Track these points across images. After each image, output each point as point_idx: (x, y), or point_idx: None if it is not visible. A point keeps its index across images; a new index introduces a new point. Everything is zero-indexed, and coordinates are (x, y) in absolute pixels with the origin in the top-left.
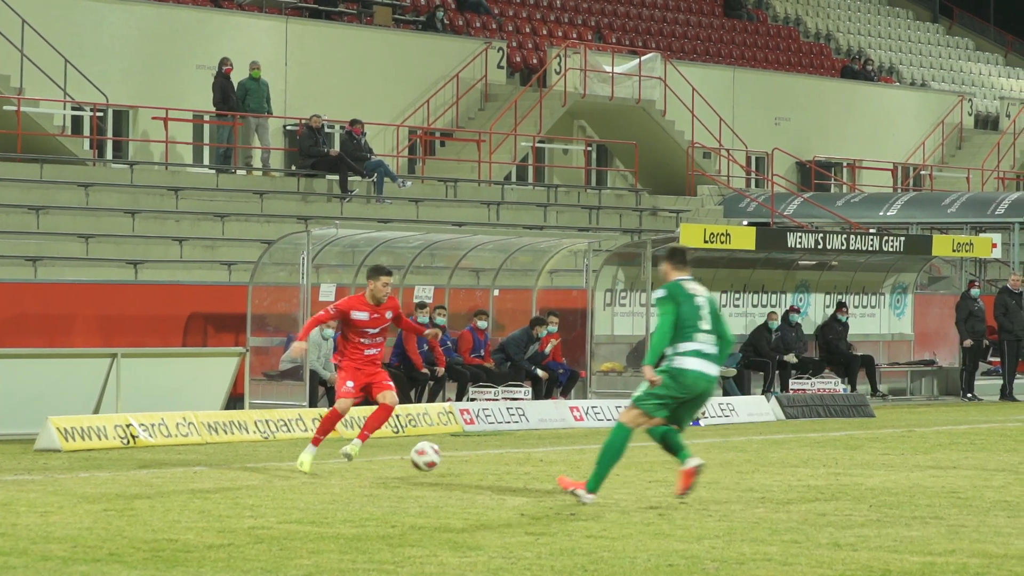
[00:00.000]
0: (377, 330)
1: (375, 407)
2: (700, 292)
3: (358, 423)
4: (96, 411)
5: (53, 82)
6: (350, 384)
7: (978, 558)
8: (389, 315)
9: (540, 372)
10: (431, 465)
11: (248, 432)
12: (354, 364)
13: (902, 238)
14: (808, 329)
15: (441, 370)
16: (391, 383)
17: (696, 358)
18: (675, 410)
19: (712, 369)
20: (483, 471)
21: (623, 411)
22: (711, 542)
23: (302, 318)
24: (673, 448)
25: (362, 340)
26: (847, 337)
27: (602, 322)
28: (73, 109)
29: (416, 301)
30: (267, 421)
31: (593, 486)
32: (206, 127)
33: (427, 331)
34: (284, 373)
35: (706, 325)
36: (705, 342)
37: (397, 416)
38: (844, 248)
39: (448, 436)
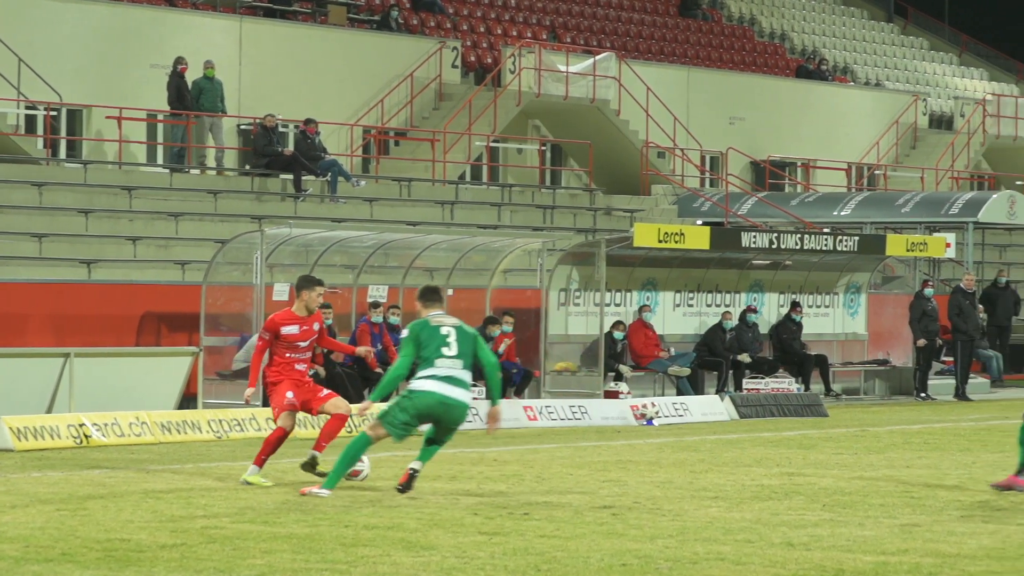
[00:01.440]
0: (307, 343)
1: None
2: (449, 323)
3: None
4: (49, 411)
5: (7, 81)
6: (291, 395)
7: (931, 557)
8: (316, 327)
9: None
10: (354, 473)
11: (201, 432)
12: (291, 379)
13: (856, 238)
14: (762, 329)
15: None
16: (332, 392)
17: (431, 380)
18: (417, 426)
19: (450, 391)
20: (437, 471)
21: (370, 424)
22: (664, 541)
23: (256, 317)
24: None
25: (292, 355)
26: (801, 337)
27: (556, 322)
28: (27, 108)
29: (370, 301)
30: (220, 421)
31: (330, 483)
32: (160, 126)
33: (359, 350)
34: (237, 373)
35: (450, 352)
36: (444, 367)
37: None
38: (798, 248)
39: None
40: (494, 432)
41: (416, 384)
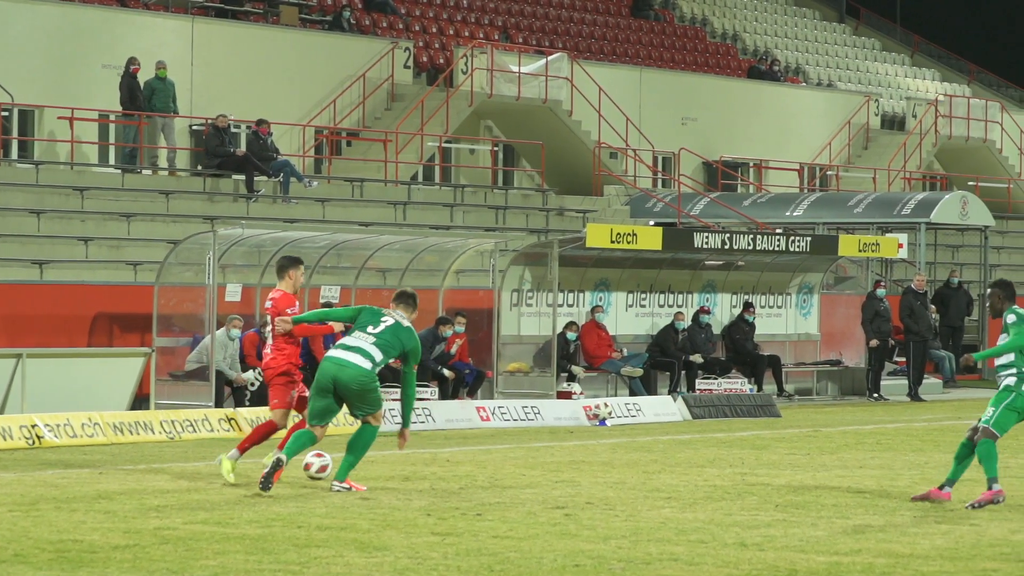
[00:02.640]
0: None
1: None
2: (394, 316)
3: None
4: (1, 412)
5: None
6: (295, 394)
7: (884, 558)
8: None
9: (446, 372)
10: (323, 469)
11: (154, 432)
12: (297, 375)
13: (808, 238)
14: (715, 329)
15: None
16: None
17: (336, 348)
18: (335, 400)
19: (345, 355)
20: (389, 471)
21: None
22: (617, 542)
23: (208, 318)
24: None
25: (291, 338)
26: (753, 337)
27: (508, 322)
28: None
29: (322, 301)
30: (173, 421)
31: (289, 454)
32: (112, 127)
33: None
34: (190, 373)
35: (373, 330)
36: (358, 339)
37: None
38: (751, 248)
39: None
40: (404, 448)
41: (326, 353)
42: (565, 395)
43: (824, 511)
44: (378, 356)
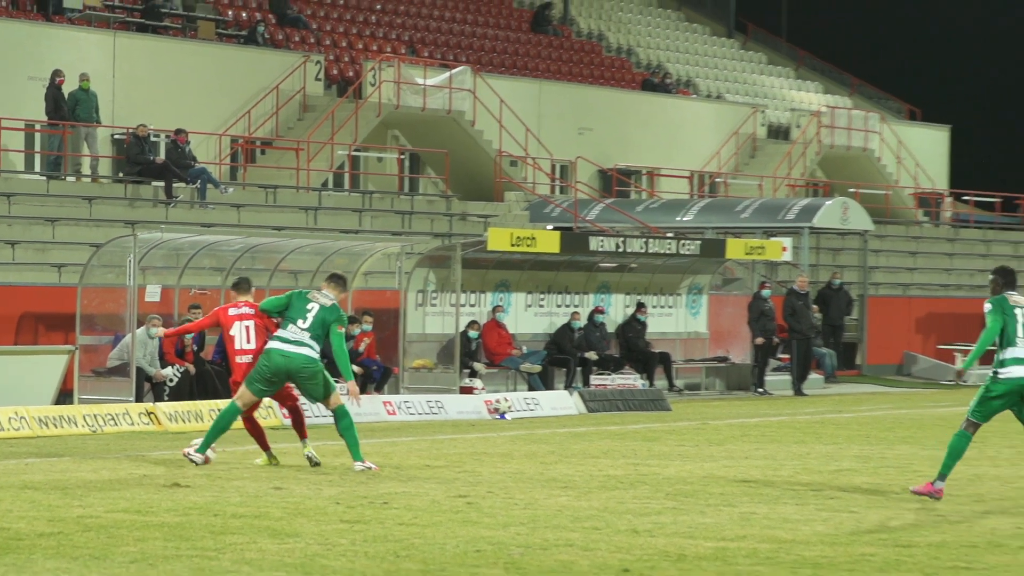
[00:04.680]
0: None
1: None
2: (320, 300)
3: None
4: None
5: None
6: None
7: (768, 543)
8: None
9: (355, 368)
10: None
11: (77, 426)
12: None
13: (698, 242)
14: (609, 328)
15: None
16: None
17: (278, 341)
18: (277, 386)
19: (290, 348)
20: (301, 462)
21: (238, 394)
22: (516, 529)
23: (128, 317)
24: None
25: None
26: (645, 335)
27: (414, 321)
28: None
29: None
30: (95, 415)
31: (202, 447)
32: (37, 136)
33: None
34: (112, 370)
35: (304, 324)
36: (294, 333)
37: (220, 409)
38: (643, 251)
39: (269, 429)
40: (358, 400)
41: (268, 345)
42: (467, 390)
43: (711, 499)
44: (316, 344)
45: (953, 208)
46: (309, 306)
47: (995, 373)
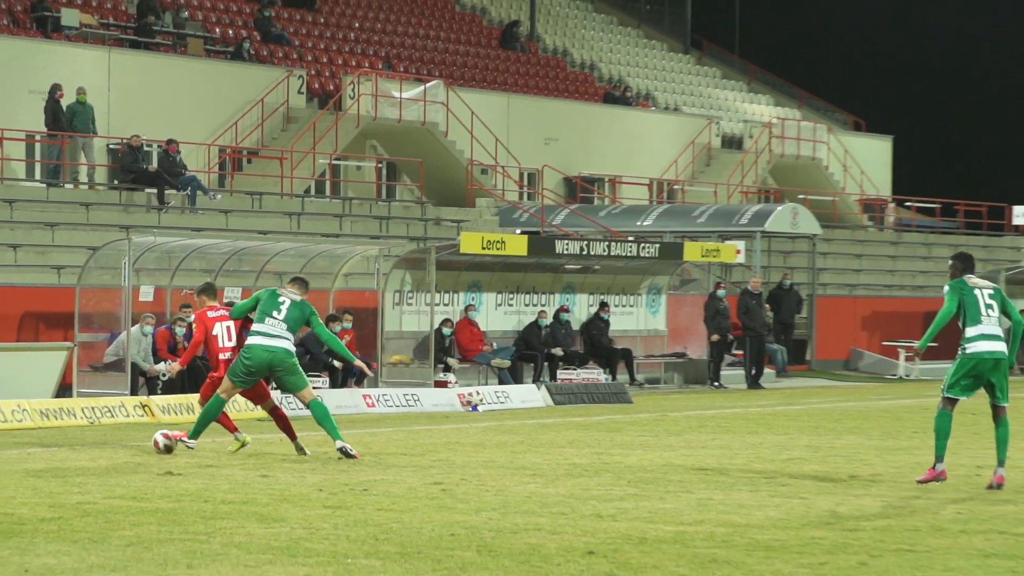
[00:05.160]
0: None
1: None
2: (288, 296)
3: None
4: None
5: None
6: None
7: (724, 527)
8: None
9: (336, 363)
10: (156, 445)
11: (76, 417)
12: None
13: (657, 245)
14: (574, 326)
15: None
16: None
17: (259, 336)
18: (257, 378)
19: (270, 341)
20: (286, 451)
21: (223, 388)
22: (488, 514)
23: (123, 316)
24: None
25: None
26: (608, 333)
27: (391, 319)
28: None
29: (226, 302)
30: (93, 408)
31: (193, 434)
32: (38, 146)
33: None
34: (108, 365)
35: (279, 316)
36: (271, 326)
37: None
38: (606, 254)
39: (255, 421)
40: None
41: (249, 340)
42: (441, 384)
43: (671, 486)
44: (290, 335)
45: (896, 213)
46: (281, 299)
47: (963, 349)
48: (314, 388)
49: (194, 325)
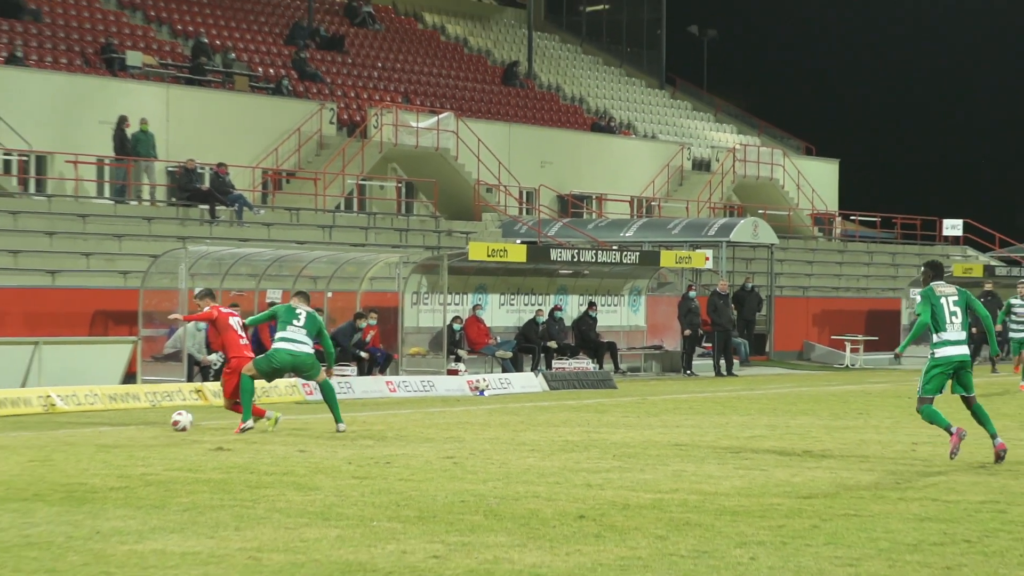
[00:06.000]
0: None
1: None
2: (303, 309)
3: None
4: (23, 385)
5: None
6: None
7: (696, 495)
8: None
9: (363, 354)
10: (175, 424)
11: (140, 401)
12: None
13: (637, 253)
14: (567, 322)
15: None
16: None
17: (283, 342)
18: (280, 374)
19: (293, 346)
20: (320, 430)
21: (247, 368)
22: (493, 484)
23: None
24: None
25: None
26: (596, 328)
27: (410, 316)
28: (3, 154)
29: (268, 301)
30: (154, 393)
31: (245, 417)
32: (107, 168)
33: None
34: (167, 356)
35: (299, 323)
36: (292, 333)
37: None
38: (593, 261)
39: (293, 404)
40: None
41: (275, 345)
42: (453, 372)
43: (650, 460)
44: (310, 340)
45: (842, 226)
46: (298, 311)
47: (933, 354)
48: (345, 376)
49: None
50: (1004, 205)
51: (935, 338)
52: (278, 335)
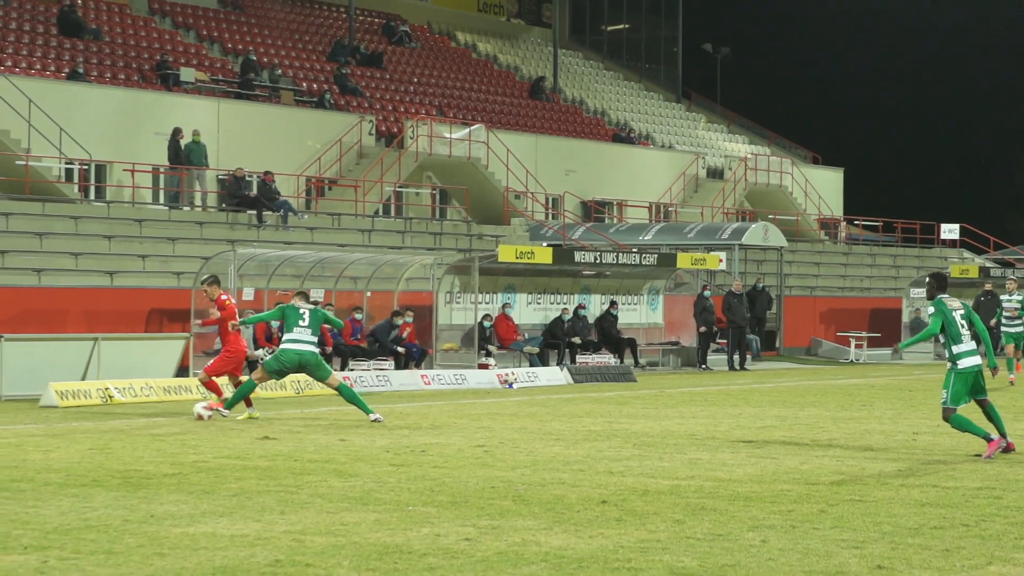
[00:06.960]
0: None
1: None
2: (306, 307)
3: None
4: (83, 378)
5: (52, 144)
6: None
7: (711, 482)
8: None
9: (399, 350)
10: (199, 417)
11: (192, 393)
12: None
13: (655, 255)
14: (590, 320)
15: (329, 349)
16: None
17: (290, 343)
18: (288, 372)
19: (300, 346)
20: (359, 420)
21: (256, 373)
22: (521, 471)
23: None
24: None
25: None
26: (617, 325)
27: (443, 314)
28: (66, 163)
29: (312, 300)
30: None
31: (229, 405)
32: (162, 176)
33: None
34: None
35: (304, 323)
36: (298, 333)
37: (298, 380)
38: (615, 263)
39: (334, 396)
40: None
41: (283, 345)
42: (484, 366)
43: (668, 448)
44: (315, 338)
45: (846, 230)
46: (302, 311)
47: (955, 364)
48: (383, 369)
49: (229, 304)
50: (997, 210)
51: (954, 349)
52: (285, 336)
